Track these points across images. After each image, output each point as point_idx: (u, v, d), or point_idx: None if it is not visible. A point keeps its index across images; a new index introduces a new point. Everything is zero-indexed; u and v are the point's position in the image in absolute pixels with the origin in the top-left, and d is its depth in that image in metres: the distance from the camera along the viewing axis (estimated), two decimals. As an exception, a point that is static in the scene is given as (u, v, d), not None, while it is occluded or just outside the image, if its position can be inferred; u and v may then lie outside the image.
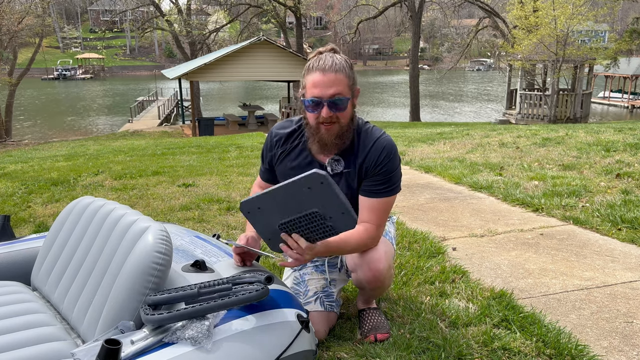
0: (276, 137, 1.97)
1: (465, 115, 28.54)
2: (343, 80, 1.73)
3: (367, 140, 1.85)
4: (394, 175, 1.85)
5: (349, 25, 49.26)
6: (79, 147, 12.31)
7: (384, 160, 1.83)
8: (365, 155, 1.84)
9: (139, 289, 1.46)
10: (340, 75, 1.73)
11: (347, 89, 1.75)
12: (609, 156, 5.49)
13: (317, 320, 1.99)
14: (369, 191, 1.86)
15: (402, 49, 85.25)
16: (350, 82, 1.77)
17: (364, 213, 1.87)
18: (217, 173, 5.62)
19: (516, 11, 18.56)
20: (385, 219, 1.88)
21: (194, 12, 32.78)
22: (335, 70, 1.72)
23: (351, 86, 1.77)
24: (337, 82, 1.72)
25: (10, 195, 4.77)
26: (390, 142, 1.85)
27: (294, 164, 1.94)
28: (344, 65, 1.75)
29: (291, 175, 1.95)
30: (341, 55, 1.79)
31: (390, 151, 1.84)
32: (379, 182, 1.84)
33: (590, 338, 2.05)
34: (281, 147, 1.96)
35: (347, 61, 1.77)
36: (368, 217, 1.86)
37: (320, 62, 1.74)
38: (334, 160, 1.88)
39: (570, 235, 3.26)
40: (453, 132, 8.98)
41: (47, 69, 64.31)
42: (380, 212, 1.86)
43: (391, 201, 1.88)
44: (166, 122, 25.12)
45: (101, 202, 1.86)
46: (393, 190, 1.87)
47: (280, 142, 1.96)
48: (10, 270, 2.00)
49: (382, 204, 1.86)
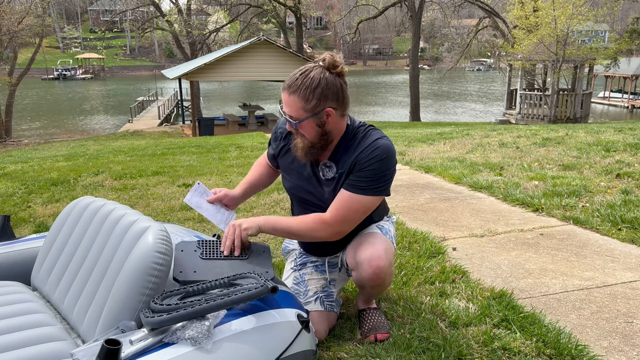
0: (280, 129, 2.02)
1: (465, 115, 28.54)
2: (295, 103, 1.72)
3: (363, 142, 1.82)
4: (381, 177, 1.79)
5: (349, 25, 49.29)
6: (79, 147, 12.31)
7: (374, 159, 1.77)
8: (357, 155, 1.81)
9: (139, 289, 1.46)
10: (294, 97, 1.72)
11: (301, 112, 1.72)
12: (609, 156, 5.49)
13: (317, 320, 1.99)
14: (347, 184, 1.81)
15: (402, 49, 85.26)
16: (310, 104, 1.70)
17: (331, 203, 1.84)
18: (217, 173, 5.62)
19: (516, 11, 18.56)
20: (347, 218, 1.80)
21: (194, 12, 32.78)
22: (291, 91, 1.72)
23: (310, 108, 1.71)
24: (289, 104, 1.74)
25: (10, 195, 4.78)
26: (387, 145, 1.79)
27: (293, 164, 1.97)
28: (306, 86, 1.69)
29: (291, 171, 1.98)
30: (321, 73, 1.71)
31: (383, 152, 1.77)
32: (360, 178, 1.79)
33: (590, 338, 2.05)
34: (283, 141, 2.00)
35: (315, 82, 1.69)
36: (331, 206, 1.82)
37: (288, 77, 1.75)
38: (326, 166, 1.88)
39: (570, 235, 3.26)
40: (453, 132, 8.98)
41: (47, 69, 64.34)
42: (345, 207, 1.79)
43: (364, 201, 1.79)
44: (166, 122, 25.13)
45: (101, 202, 1.86)
46: (371, 190, 1.79)
47: (283, 135, 2.00)
48: (10, 270, 2.00)
49: (352, 200, 1.79)
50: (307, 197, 1.96)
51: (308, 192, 1.95)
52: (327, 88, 1.72)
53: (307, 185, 1.94)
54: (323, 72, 1.73)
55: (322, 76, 1.71)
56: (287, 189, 2.03)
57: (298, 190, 1.98)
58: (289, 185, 2.01)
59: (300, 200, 2.00)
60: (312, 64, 1.76)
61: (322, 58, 1.76)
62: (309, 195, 1.96)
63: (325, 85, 1.71)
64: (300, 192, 1.98)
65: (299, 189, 1.97)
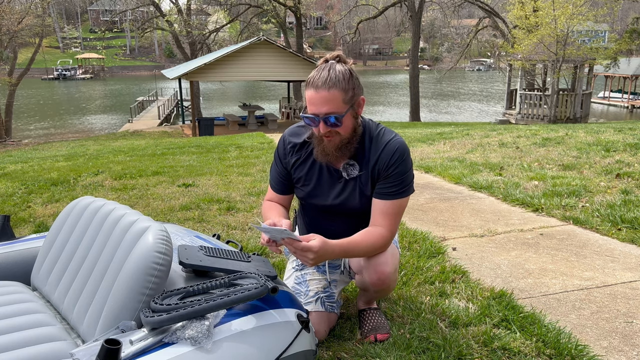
0: (290, 144, 1.95)
1: (465, 115, 28.54)
2: (337, 97, 1.69)
3: (379, 143, 1.84)
4: (406, 177, 1.84)
5: (349, 25, 49.27)
6: (79, 147, 12.31)
7: (396, 162, 1.81)
8: (377, 157, 1.83)
9: (139, 289, 1.46)
10: (333, 91, 1.69)
11: (342, 105, 1.71)
12: (609, 156, 5.49)
13: (318, 321, 1.99)
14: (382, 193, 1.84)
15: (402, 49, 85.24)
16: (348, 95, 1.72)
17: (376, 216, 1.85)
18: (217, 173, 5.62)
19: (516, 11, 18.54)
20: (397, 222, 1.86)
21: (194, 12, 32.78)
22: (329, 86, 1.68)
23: (349, 99, 1.73)
24: (329, 100, 1.69)
25: (10, 195, 4.78)
26: (402, 144, 1.84)
27: (309, 174, 1.94)
28: (340, 79, 1.70)
29: (306, 183, 1.94)
30: (342, 65, 1.74)
31: (402, 153, 1.82)
32: (391, 184, 1.83)
33: (590, 338, 2.05)
34: (295, 155, 1.94)
35: (346, 73, 1.71)
36: (381, 220, 1.84)
37: (315, 78, 1.71)
38: (349, 165, 1.87)
39: (570, 235, 3.26)
40: (453, 132, 8.98)
41: (47, 69, 64.32)
42: (393, 215, 1.84)
43: (404, 203, 1.86)
44: (166, 122, 25.13)
45: (101, 202, 1.86)
46: (405, 192, 1.85)
47: (295, 149, 1.94)
48: (10, 270, 2.00)
49: (395, 206, 1.84)
50: (325, 201, 1.94)
51: (327, 196, 1.93)
52: (356, 77, 1.75)
53: (327, 190, 1.92)
54: (342, 64, 1.74)
55: (345, 68, 1.73)
56: (302, 197, 1.99)
57: (316, 197, 1.95)
58: (304, 194, 1.97)
59: (317, 205, 1.98)
60: (325, 62, 1.76)
61: (332, 56, 1.78)
62: (328, 200, 1.93)
63: (353, 75, 1.74)
64: (318, 198, 1.95)
65: (318, 195, 1.94)
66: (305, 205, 2.05)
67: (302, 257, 1.67)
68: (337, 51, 1.82)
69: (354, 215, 1.95)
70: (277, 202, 2.04)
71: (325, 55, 1.80)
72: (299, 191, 1.99)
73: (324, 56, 1.81)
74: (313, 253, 1.64)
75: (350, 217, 1.96)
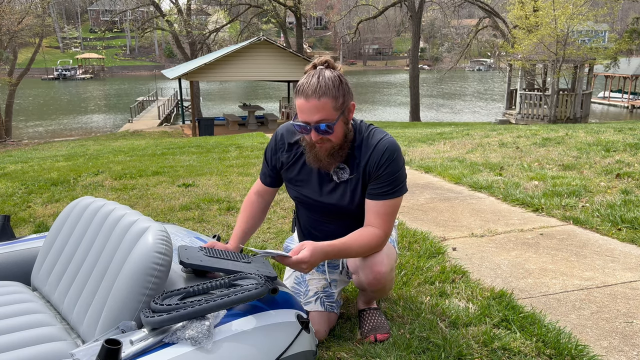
0: (281, 141, 1.96)
1: (466, 115, 28.54)
2: (327, 105, 1.69)
3: (369, 144, 1.84)
4: (398, 176, 1.83)
5: (349, 25, 49.24)
6: (79, 147, 12.31)
7: (386, 162, 1.81)
8: (368, 158, 1.83)
9: (139, 289, 1.46)
10: (324, 99, 1.68)
11: (333, 112, 1.71)
12: (609, 156, 5.49)
13: (318, 321, 1.99)
14: (374, 194, 1.84)
15: (402, 49, 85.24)
16: (339, 102, 1.71)
17: (370, 216, 1.85)
18: (217, 173, 5.62)
19: (516, 11, 18.54)
20: (391, 221, 1.85)
21: (194, 12, 32.78)
22: (319, 95, 1.68)
23: (340, 106, 1.72)
24: (320, 108, 1.69)
25: (10, 195, 4.77)
26: (392, 143, 1.83)
27: (300, 176, 1.94)
28: (330, 86, 1.69)
29: (297, 184, 1.95)
30: (332, 72, 1.73)
31: (392, 152, 1.81)
32: (382, 184, 1.82)
33: (590, 338, 2.05)
34: (286, 153, 1.95)
35: (335, 80, 1.70)
36: (374, 220, 1.84)
37: (305, 86, 1.69)
38: (340, 168, 1.87)
39: (570, 235, 3.26)
40: (453, 132, 8.98)
41: (47, 69, 64.33)
42: (386, 215, 1.84)
43: (397, 203, 1.85)
44: (166, 122, 25.13)
45: (101, 203, 1.86)
46: (397, 191, 1.84)
47: (285, 147, 1.95)
48: (10, 270, 2.00)
49: (387, 206, 1.84)
50: (317, 203, 1.95)
51: (318, 198, 1.93)
52: (345, 83, 1.75)
53: (318, 192, 1.93)
54: (331, 71, 1.74)
55: (334, 74, 1.73)
56: (295, 197, 2.01)
57: (307, 198, 1.96)
58: (296, 194, 1.98)
59: (310, 206, 1.99)
60: (314, 69, 1.76)
61: (320, 61, 1.77)
62: (319, 202, 1.94)
63: (342, 82, 1.74)
64: (310, 199, 1.96)
65: (309, 196, 1.95)
66: (299, 206, 2.06)
67: (296, 269, 1.70)
68: (325, 56, 1.82)
69: (348, 216, 1.95)
70: (262, 193, 2.08)
71: (314, 61, 1.79)
72: (291, 190, 2.00)
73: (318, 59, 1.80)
74: (305, 263, 1.67)
75: (344, 219, 1.97)
